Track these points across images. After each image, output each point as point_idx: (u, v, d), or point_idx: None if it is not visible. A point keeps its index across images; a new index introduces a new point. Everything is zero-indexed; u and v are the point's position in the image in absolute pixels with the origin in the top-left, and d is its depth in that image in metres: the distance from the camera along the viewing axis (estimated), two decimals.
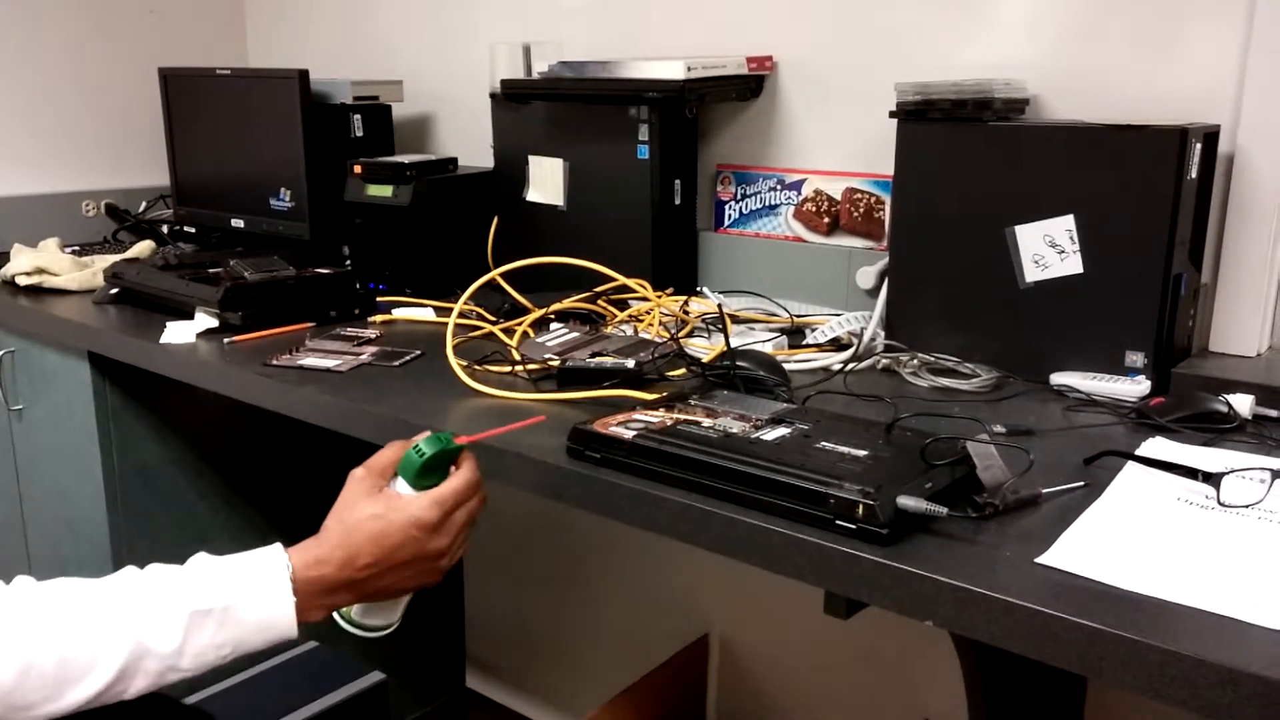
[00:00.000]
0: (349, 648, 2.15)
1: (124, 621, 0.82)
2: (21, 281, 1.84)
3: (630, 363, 1.24)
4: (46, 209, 2.20)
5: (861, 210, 1.60)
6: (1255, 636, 0.70)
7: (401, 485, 0.94)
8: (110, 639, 0.81)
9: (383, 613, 0.97)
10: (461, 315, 1.45)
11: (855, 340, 1.39)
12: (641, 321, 1.50)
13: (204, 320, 1.54)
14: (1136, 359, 1.23)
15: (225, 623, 0.84)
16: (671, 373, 1.28)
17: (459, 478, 0.94)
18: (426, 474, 0.93)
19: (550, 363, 1.27)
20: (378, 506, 0.91)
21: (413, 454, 0.93)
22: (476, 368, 1.31)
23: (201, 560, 0.88)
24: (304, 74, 1.87)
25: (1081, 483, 0.95)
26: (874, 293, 1.53)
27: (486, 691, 2.35)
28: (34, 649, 0.80)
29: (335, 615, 0.95)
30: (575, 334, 1.40)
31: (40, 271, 1.83)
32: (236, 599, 0.85)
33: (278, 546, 0.89)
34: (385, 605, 0.97)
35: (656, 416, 1.06)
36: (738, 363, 1.22)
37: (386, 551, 0.90)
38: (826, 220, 1.64)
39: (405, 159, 1.80)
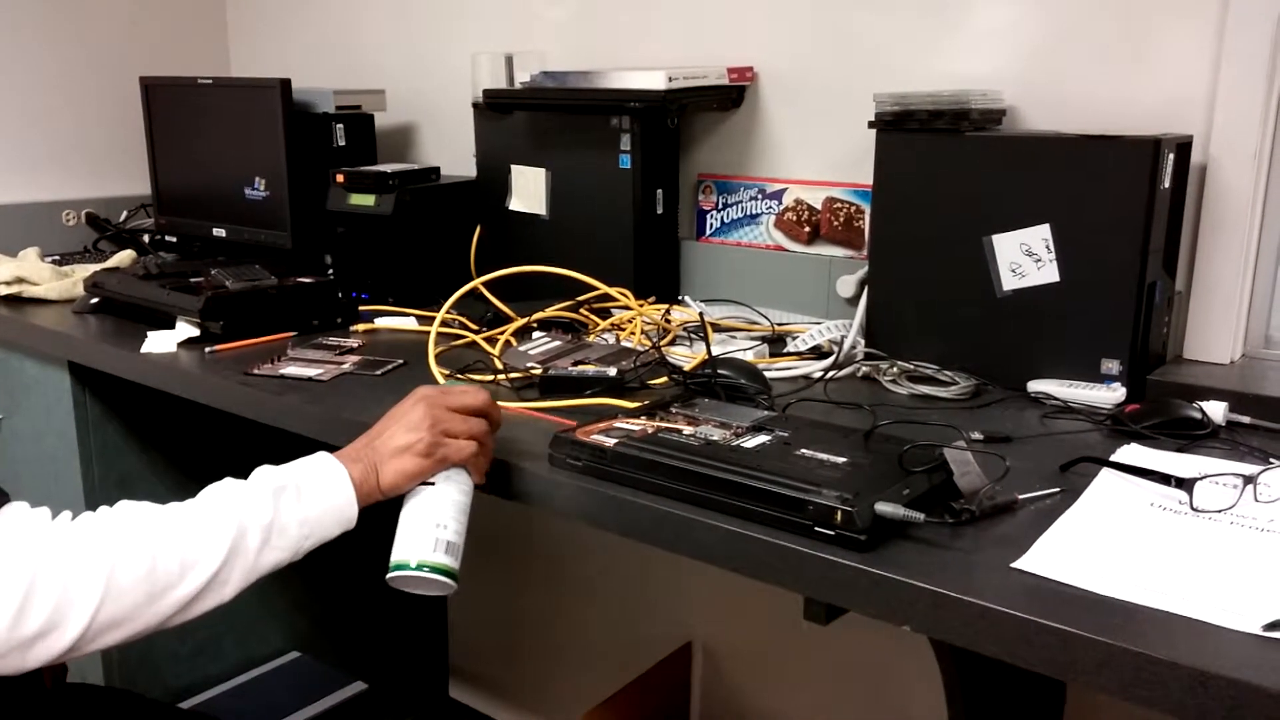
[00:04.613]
0: (332, 658, 2.14)
1: (223, 508, 0.94)
2: (1, 291, 1.83)
3: (612, 371, 1.24)
4: (26, 218, 2.19)
5: (842, 219, 1.61)
6: (1226, 639, 0.71)
7: None
8: (215, 522, 0.93)
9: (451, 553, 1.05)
10: (444, 324, 1.45)
11: (835, 348, 1.40)
12: (624, 330, 1.51)
13: (185, 330, 1.54)
14: (1112, 366, 1.25)
15: (301, 497, 0.96)
16: (653, 381, 1.29)
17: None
18: None
19: (532, 371, 1.28)
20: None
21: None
22: (459, 377, 1.31)
23: (263, 466, 0.99)
24: (286, 83, 1.87)
25: (1057, 489, 0.96)
26: (854, 301, 1.54)
27: (469, 701, 2.35)
28: (158, 542, 0.91)
29: (414, 568, 1.01)
30: (557, 342, 1.41)
31: (20, 281, 1.83)
32: (304, 480, 0.97)
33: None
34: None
35: (638, 424, 1.06)
36: (719, 371, 1.23)
37: (394, 414, 1.03)
38: (807, 229, 1.65)
39: (388, 168, 1.81)
